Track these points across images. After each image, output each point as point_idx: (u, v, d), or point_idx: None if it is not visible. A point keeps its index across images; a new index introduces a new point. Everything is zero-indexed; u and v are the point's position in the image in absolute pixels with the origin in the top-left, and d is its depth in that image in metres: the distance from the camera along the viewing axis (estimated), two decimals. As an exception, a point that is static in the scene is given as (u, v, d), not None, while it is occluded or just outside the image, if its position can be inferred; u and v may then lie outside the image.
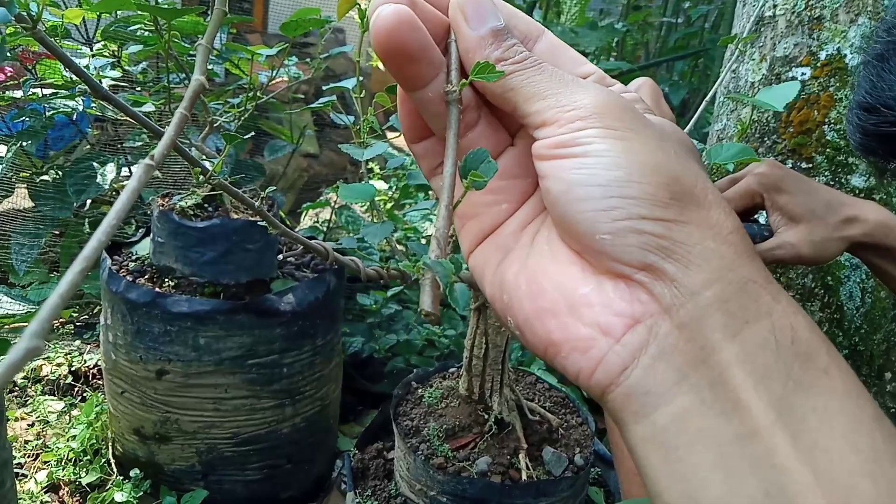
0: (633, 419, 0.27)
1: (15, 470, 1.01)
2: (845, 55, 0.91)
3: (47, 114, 1.30)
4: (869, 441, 0.24)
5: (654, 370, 0.26)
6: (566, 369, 0.28)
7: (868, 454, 0.23)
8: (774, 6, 0.96)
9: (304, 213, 1.75)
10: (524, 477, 0.78)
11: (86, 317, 1.49)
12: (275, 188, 0.71)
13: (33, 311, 1.22)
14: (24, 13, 0.39)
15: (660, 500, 0.26)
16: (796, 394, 0.24)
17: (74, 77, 1.12)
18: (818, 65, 0.94)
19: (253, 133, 0.92)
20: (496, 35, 0.30)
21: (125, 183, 1.51)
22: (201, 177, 0.48)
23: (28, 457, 1.07)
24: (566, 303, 0.28)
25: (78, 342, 1.37)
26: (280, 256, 1.08)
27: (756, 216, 0.77)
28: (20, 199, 1.52)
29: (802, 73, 0.94)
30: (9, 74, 1.45)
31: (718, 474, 0.24)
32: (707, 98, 0.80)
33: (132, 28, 1.04)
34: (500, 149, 0.33)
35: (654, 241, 0.26)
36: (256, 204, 0.55)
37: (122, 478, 1.01)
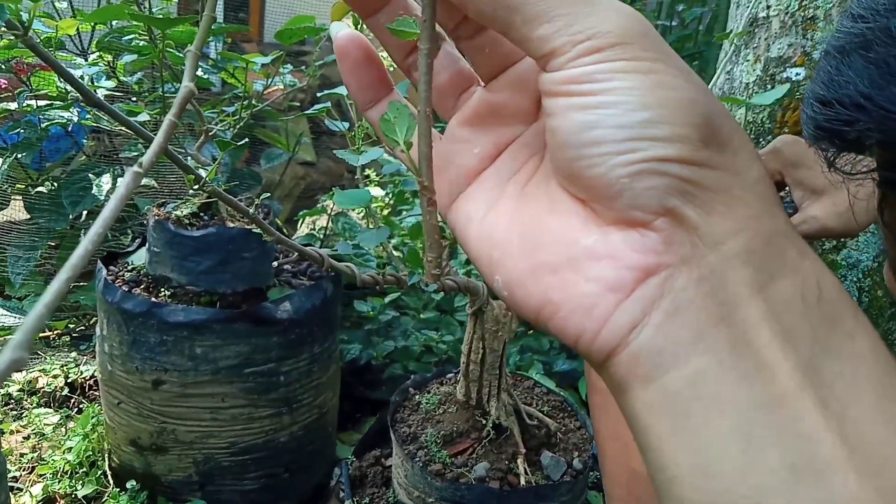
0: (641, 384, 0.24)
1: (10, 483, 1.00)
2: (838, 56, 0.92)
3: (42, 125, 1.30)
4: None
5: (667, 328, 0.23)
6: (565, 331, 0.25)
7: None
8: (768, 7, 0.96)
9: (301, 221, 1.75)
10: (523, 482, 0.78)
11: (82, 328, 1.49)
12: (269, 196, 0.71)
13: (29, 322, 1.21)
14: (15, 20, 0.39)
15: (664, 474, 0.24)
16: (823, 357, 0.22)
17: (69, 88, 1.12)
18: (812, 65, 0.94)
19: (249, 141, 0.92)
20: None
21: (121, 193, 1.51)
22: (195, 184, 0.48)
23: (23, 470, 1.07)
24: (567, 256, 0.25)
25: (74, 353, 1.37)
26: (276, 264, 1.08)
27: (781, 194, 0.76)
28: (15, 211, 1.52)
29: (797, 74, 0.94)
30: (3, 86, 1.45)
31: (737, 445, 0.22)
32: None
33: (127, 38, 1.04)
34: (461, 85, 0.30)
35: (677, 185, 0.23)
36: (251, 212, 0.55)
37: (118, 490, 1.00)
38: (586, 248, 0.25)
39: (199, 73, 1.15)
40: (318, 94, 0.98)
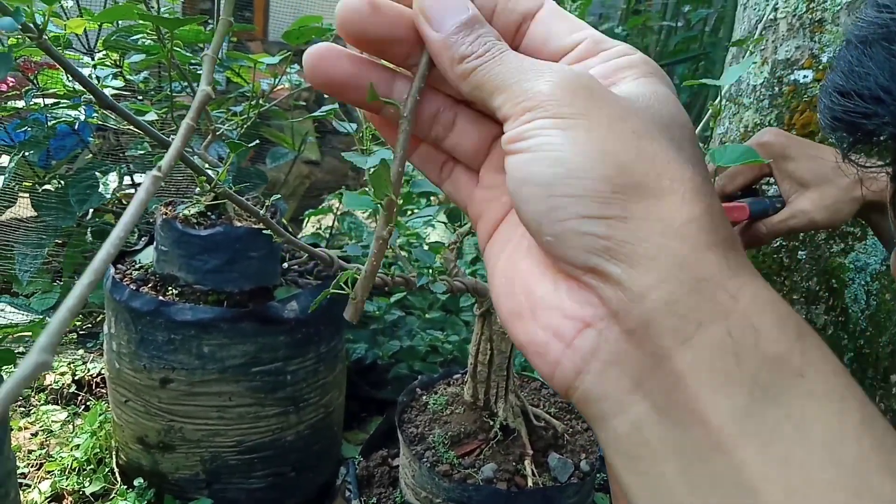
0: (596, 424, 0.25)
1: (18, 480, 1.01)
2: (847, 58, 0.91)
3: (49, 124, 1.30)
4: (854, 450, 0.21)
5: (607, 376, 0.24)
6: (535, 369, 0.27)
7: (852, 466, 0.21)
8: (775, 9, 0.96)
9: (306, 220, 1.76)
10: (530, 483, 0.78)
11: (89, 326, 1.49)
12: (279, 196, 0.71)
13: (37, 320, 1.22)
14: (31, 23, 0.39)
15: None
16: (766, 402, 0.22)
17: (77, 87, 1.12)
18: (820, 67, 0.94)
19: (257, 141, 0.92)
20: (461, 29, 0.28)
21: (128, 192, 1.51)
22: (206, 185, 0.48)
23: (31, 466, 1.07)
24: (528, 304, 0.27)
25: (81, 351, 1.37)
26: (284, 264, 1.08)
27: (762, 186, 0.76)
28: (23, 209, 1.52)
29: (804, 76, 0.94)
30: (11, 85, 1.45)
31: (684, 487, 0.23)
32: (710, 106, 0.80)
33: (134, 38, 1.04)
34: (489, 140, 0.31)
35: (596, 242, 0.24)
36: (261, 212, 0.55)
37: (126, 487, 1.01)
38: (540, 298, 0.26)
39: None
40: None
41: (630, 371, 0.24)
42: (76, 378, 1.29)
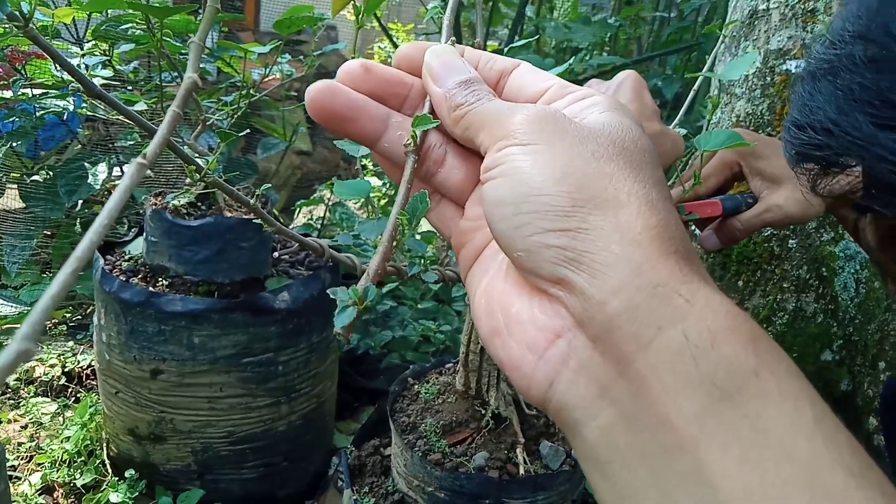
0: (569, 433, 0.27)
1: (8, 472, 1.00)
2: (838, 47, 0.92)
3: (38, 114, 1.29)
4: (808, 447, 0.22)
5: (577, 384, 0.26)
6: (513, 384, 0.30)
7: (806, 461, 0.22)
8: (768, 0, 0.96)
9: (297, 211, 1.75)
10: (522, 471, 0.78)
11: (79, 317, 1.49)
12: (270, 186, 0.71)
13: (25, 312, 1.21)
14: (17, 12, 0.39)
15: None
16: (724, 402, 0.23)
17: (65, 76, 1.11)
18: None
19: (248, 130, 0.92)
20: (460, 86, 0.32)
21: (117, 183, 1.50)
22: (196, 175, 0.48)
23: (21, 459, 1.07)
24: (504, 321, 0.29)
25: (71, 343, 1.37)
26: (275, 254, 1.08)
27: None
28: (11, 200, 1.51)
29: (797, 66, 0.94)
30: (-2, 74, 1.43)
31: (652, 491, 0.24)
32: (694, 89, 0.80)
33: (123, 27, 1.03)
34: (474, 178, 0.34)
35: (561, 254, 0.26)
36: (252, 202, 0.55)
37: (117, 479, 1.00)
38: (515, 314, 0.28)
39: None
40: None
41: (597, 378, 0.25)
42: (66, 370, 1.28)
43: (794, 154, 0.30)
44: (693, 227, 0.88)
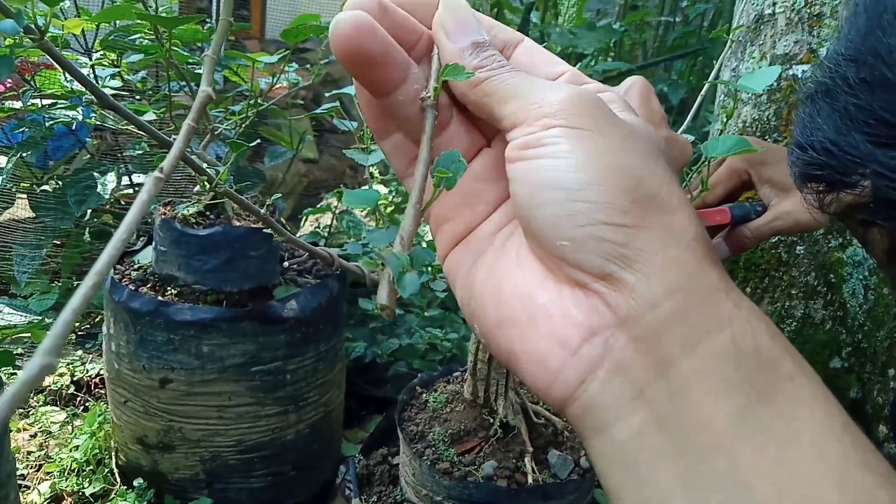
0: (592, 434, 0.26)
1: (18, 481, 1.01)
2: (845, 53, 0.91)
3: (47, 124, 1.30)
4: (838, 448, 0.23)
5: (612, 384, 0.25)
6: (526, 380, 0.28)
7: (836, 462, 0.22)
8: (774, 4, 0.96)
9: (304, 219, 1.76)
10: (530, 480, 0.78)
11: (87, 326, 1.49)
12: (279, 195, 0.71)
13: (35, 321, 1.21)
14: (32, 25, 0.39)
15: None
16: (760, 403, 0.23)
17: (75, 87, 1.12)
18: (819, 62, 0.94)
19: (258, 141, 0.92)
20: (476, 46, 0.30)
21: (126, 192, 1.51)
22: (207, 185, 0.48)
23: (31, 468, 1.07)
24: (525, 312, 0.27)
25: (80, 352, 1.37)
26: (284, 263, 1.08)
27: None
28: (21, 209, 1.52)
29: (803, 71, 0.94)
30: (8, 85, 1.45)
31: (681, 491, 0.24)
32: (702, 94, 0.80)
33: (132, 37, 1.04)
34: (474, 150, 0.32)
35: (614, 249, 0.25)
36: (262, 212, 0.55)
37: (125, 487, 1.01)
38: (541, 306, 0.27)
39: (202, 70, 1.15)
40: (326, 94, 0.98)
41: (633, 379, 0.25)
42: (75, 379, 1.28)
43: (798, 174, 0.31)
44: None
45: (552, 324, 0.26)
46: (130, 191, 1.52)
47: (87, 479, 1.03)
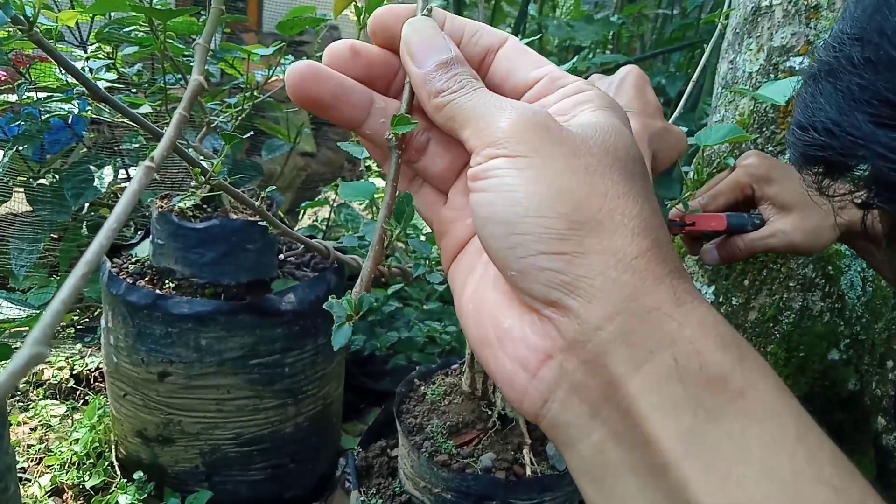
0: (563, 448, 0.27)
1: (18, 474, 1.01)
2: (843, 44, 0.91)
3: (43, 118, 1.29)
4: (788, 463, 0.23)
5: (570, 404, 0.26)
6: (504, 395, 0.29)
7: (786, 478, 0.22)
8: (771, -4, 0.96)
9: (302, 212, 1.75)
10: (528, 472, 0.78)
11: (86, 320, 1.49)
12: (275, 188, 0.71)
13: (34, 315, 1.21)
14: (21, 16, 0.39)
15: None
16: (708, 422, 0.23)
17: (70, 79, 1.11)
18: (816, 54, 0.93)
19: (252, 132, 0.92)
20: (440, 68, 0.30)
21: (123, 185, 1.51)
22: (201, 177, 0.48)
23: (31, 461, 1.07)
24: (495, 334, 0.28)
25: (79, 346, 1.37)
26: (281, 256, 1.08)
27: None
28: (17, 203, 1.52)
29: (801, 63, 0.93)
30: (2, 79, 1.44)
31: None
32: (693, 80, 0.79)
33: (127, 30, 1.03)
34: (459, 165, 0.33)
35: (555, 277, 0.25)
36: (257, 204, 0.55)
37: (125, 480, 1.01)
38: (506, 330, 0.28)
39: (201, 64, 1.14)
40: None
41: (589, 399, 0.26)
42: (74, 372, 1.28)
43: (798, 155, 0.30)
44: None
45: (515, 347, 0.27)
46: (127, 184, 1.52)
47: (88, 472, 1.03)
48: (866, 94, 0.26)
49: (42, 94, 1.25)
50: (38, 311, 1.23)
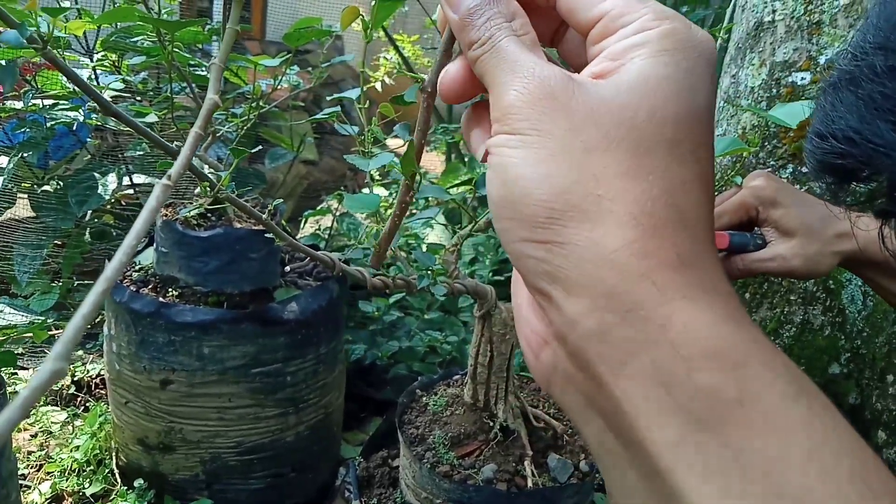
0: (577, 427, 0.28)
1: (19, 481, 1.01)
2: (844, 60, 0.92)
3: (48, 124, 1.30)
4: (798, 481, 0.20)
5: (567, 391, 0.26)
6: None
7: (795, 497, 0.20)
8: (773, 11, 0.97)
9: (304, 221, 1.76)
10: (530, 484, 0.78)
11: (88, 327, 1.49)
12: (282, 200, 0.71)
13: (36, 321, 1.22)
14: (35, 34, 0.40)
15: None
16: (700, 432, 0.22)
17: (75, 88, 1.12)
18: (818, 69, 0.94)
19: (260, 146, 0.93)
20: (474, 11, 0.28)
21: (126, 192, 1.51)
22: (208, 189, 0.49)
23: (32, 468, 1.07)
24: (518, 312, 0.30)
25: (81, 352, 1.37)
26: (288, 269, 1.08)
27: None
28: (21, 209, 1.52)
29: (802, 78, 0.94)
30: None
31: (645, 492, 0.24)
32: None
33: (133, 39, 1.04)
34: (550, 32, 0.32)
35: (538, 265, 0.25)
36: (264, 217, 0.55)
37: (126, 488, 1.01)
38: (518, 305, 0.30)
39: (203, 72, 1.16)
40: (327, 97, 0.98)
41: (582, 390, 0.25)
42: (76, 379, 1.29)
43: (816, 164, 0.29)
44: None
45: (523, 325, 0.29)
46: (131, 191, 1.52)
47: (88, 480, 1.03)
48: (889, 102, 0.25)
49: (47, 102, 1.26)
50: (40, 318, 1.23)
